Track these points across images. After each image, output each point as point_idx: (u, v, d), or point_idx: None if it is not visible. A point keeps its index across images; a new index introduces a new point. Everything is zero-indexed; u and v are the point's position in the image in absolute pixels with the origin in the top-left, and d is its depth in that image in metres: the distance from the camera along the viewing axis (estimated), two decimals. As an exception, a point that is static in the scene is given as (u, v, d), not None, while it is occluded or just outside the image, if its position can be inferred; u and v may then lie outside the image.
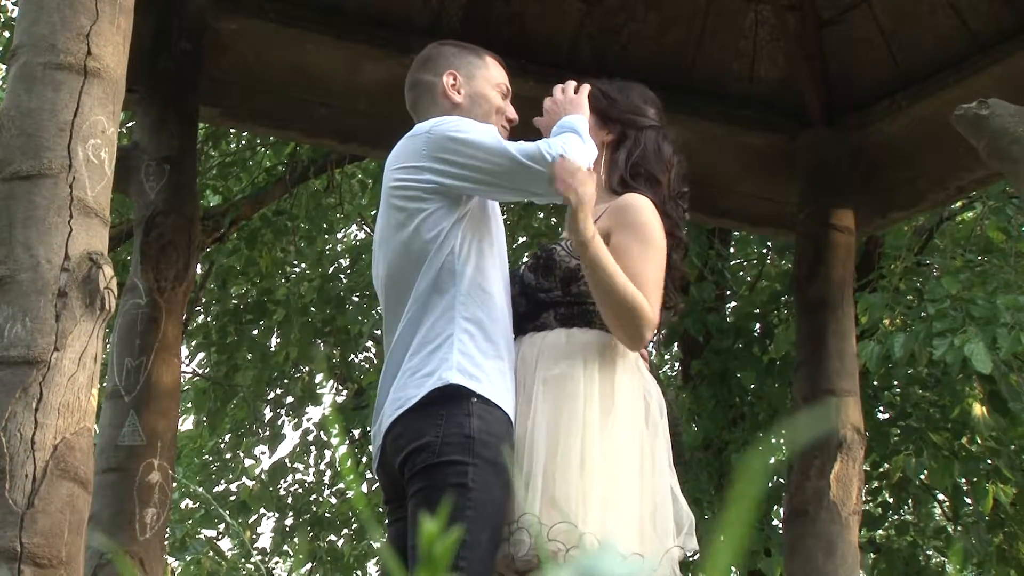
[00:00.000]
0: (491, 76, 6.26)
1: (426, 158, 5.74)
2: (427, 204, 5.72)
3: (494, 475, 5.37)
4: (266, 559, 19.43)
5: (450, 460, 5.35)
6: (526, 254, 5.87)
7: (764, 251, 16.31)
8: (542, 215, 16.38)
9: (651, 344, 6.19)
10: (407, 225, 5.77)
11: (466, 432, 5.39)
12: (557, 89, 6.02)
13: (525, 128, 6.18)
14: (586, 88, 6.00)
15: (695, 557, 5.89)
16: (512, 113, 6.24)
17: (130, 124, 9.30)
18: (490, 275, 5.76)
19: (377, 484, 6.26)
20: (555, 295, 5.83)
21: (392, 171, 5.93)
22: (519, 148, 5.62)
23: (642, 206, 5.81)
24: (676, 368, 16.87)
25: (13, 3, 13.24)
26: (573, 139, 5.64)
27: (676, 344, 15.91)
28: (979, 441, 14.28)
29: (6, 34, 14.54)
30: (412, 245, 5.75)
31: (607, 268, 5.49)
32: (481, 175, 5.68)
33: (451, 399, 5.48)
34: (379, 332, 5.75)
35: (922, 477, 14.59)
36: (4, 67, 13.16)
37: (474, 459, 5.34)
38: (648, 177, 5.98)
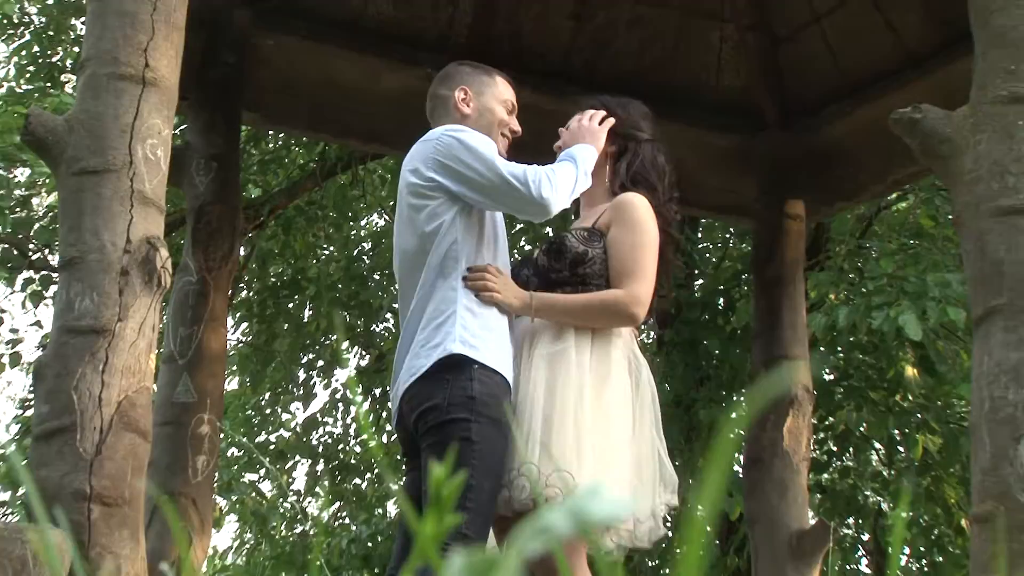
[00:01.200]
0: (498, 93, 6.30)
1: (433, 161, 5.81)
2: (431, 200, 5.80)
3: (495, 430, 5.46)
4: (300, 499, 19.48)
5: (456, 418, 5.45)
6: (541, 241, 6.00)
7: (727, 236, 16.32)
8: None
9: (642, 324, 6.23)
10: (416, 218, 5.87)
11: (469, 394, 5.49)
12: (583, 116, 6.09)
13: (527, 135, 6.23)
14: (609, 122, 6.09)
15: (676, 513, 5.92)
16: (516, 127, 6.30)
17: (182, 127, 9.25)
18: (487, 261, 5.85)
19: (395, 437, 6.35)
20: (564, 275, 5.90)
21: (406, 171, 6.00)
22: (510, 169, 5.69)
23: (637, 204, 5.94)
24: (651, 336, 16.88)
25: (82, 22, 13.17)
26: (564, 174, 5.76)
27: (651, 316, 15.92)
28: (910, 398, 14.32)
29: (75, 49, 14.47)
30: (420, 235, 5.84)
31: (557, 308, 5.84)
32: (473, 184, 5.73)
33: (455, 367, 5.58)
34: (397, 306, 5.83)
35: (861, 429, 14.65)
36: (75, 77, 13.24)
37: (476, 417, 5.44)
38: (645, 184, 6.11)
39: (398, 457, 5.74)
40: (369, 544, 17.45)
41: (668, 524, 6.10)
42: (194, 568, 8.26)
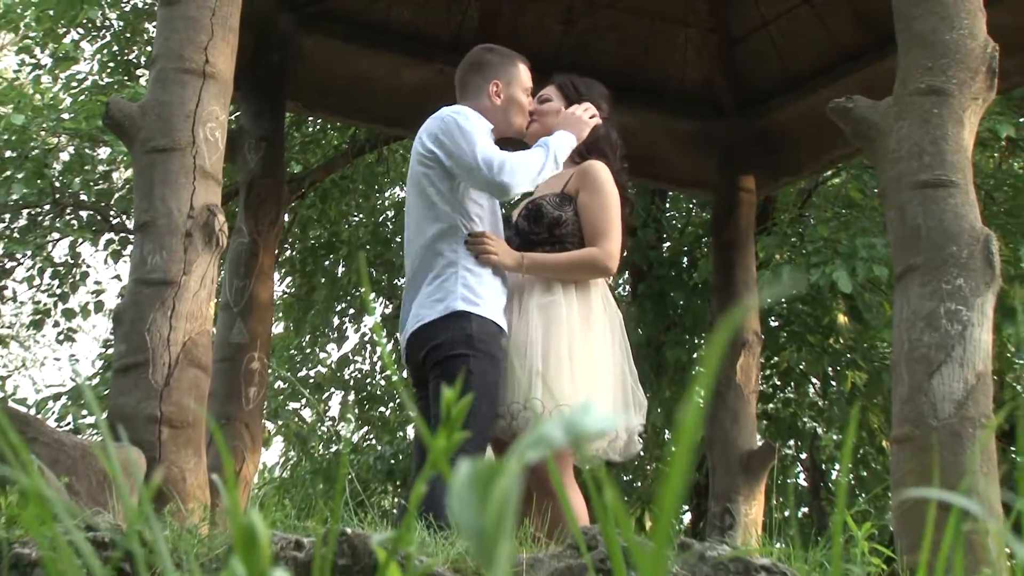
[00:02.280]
0: (522, 81, 6.28)
1: (434, 136, 5.84)
2: (431, 170, 5.82)
3: (490, 363, 5.54)
4: (334, 423, 19.50)
5: (457, 353, 5.51)
6: (520, 205, 5.93)
7: (690, 206, 16.29)
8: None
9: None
10: (422, 183, 5.87)
11: (468, 333, 5.55)
12: (579, 107, 6.09)
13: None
14: (596, 121, 6.09)
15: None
16: (531, 106, 6.30)
17: (236, 113, 9.23)
18: (484, 225, 5.85)
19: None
20: (543, 236, 5.93)
21: (417, 141, 6.01)
22: (485, 153, 5.66)
23: (599, 170, 5.98)
24: (627, 289, 16.87)
25: (153, 25, 13.15)
26: (531, 162, 5.75)
27: (627, 272, 15.91)
28: (842, 341, 14.33)
29: (148, 48, 14.44)
30: (425, 199, 5.85)
31: (549, 267, 5.88)
32: (457, 160, 5.72)
33: (458, 316, 5.62)
34: None
35: (801, 366, 14.65)
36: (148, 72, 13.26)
37: (474, 352, 5.50)
38: (600, 153, 6.11)
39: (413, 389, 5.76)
40: (392, 461, 17.47)
41: (641, 441, 6.13)
42: (247, 480, 8.30)
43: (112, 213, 15.85)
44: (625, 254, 6.31)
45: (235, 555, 0.77)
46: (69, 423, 15.28)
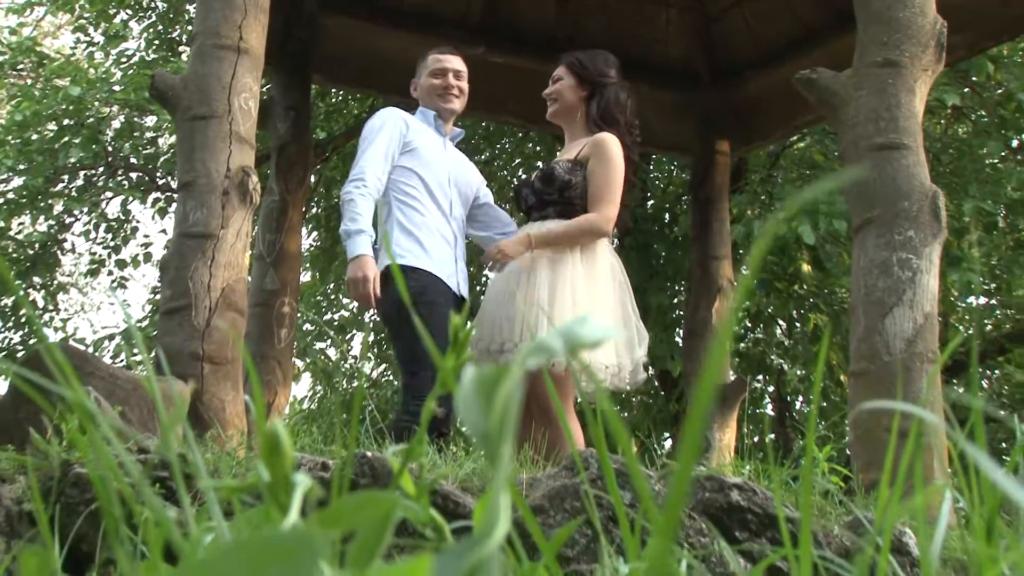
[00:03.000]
0: (428, 67, 6.55)
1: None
2: None
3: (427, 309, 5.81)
4: (356, 361, 19.47)
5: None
6: (535, 169, 6.15)
7: (672, 167, 16.22)
8: (531, 145, 16.41)
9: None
10: None
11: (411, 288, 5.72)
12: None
13: (524, 86, 6.28)
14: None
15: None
16: (447, 77, 6.54)
17: (268, 85, 9.21)
18: (425, 200, 6.22)
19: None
20: (553, 197, 6.06)
21: None
22: (359, 162, 6.18)
23: (609, 142, 6.01)
24: (615, 242, 16.84)
25: (193, 6, 13.11)
26: (349, 209, 6.14)
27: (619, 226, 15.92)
28: (805, 287, 14.32)
29: (188, 27, 14.40)
30: None
31: (553, 239, 5.95)
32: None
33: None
34: None
35: (769, 310, 14.65)
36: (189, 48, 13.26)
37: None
38: (612, 121, 6.15)
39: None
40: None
41: (646, 371, 6.24)
42: (279, 410, 8.32)
43: (158, 174, 15.93)
44: (631, 205, 6.37)
45: (261, 461, 0.77)
46: (122, 360, 15.33)
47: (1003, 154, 13.73)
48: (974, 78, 13.36)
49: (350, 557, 0.70)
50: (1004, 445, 14.78)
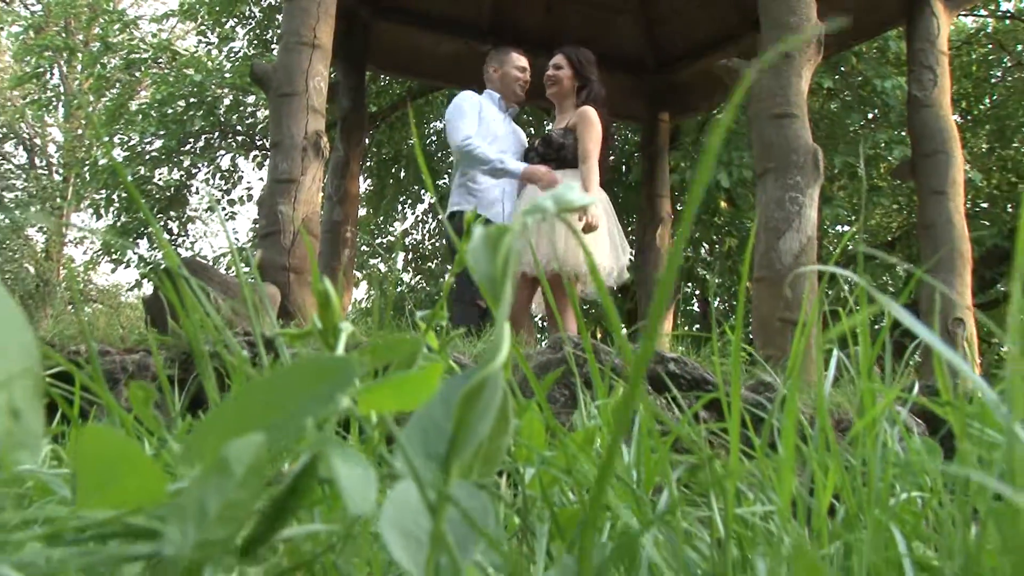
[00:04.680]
0: (511, 62, 6.47)
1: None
2: None
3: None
4: (399, 272, 19.47)
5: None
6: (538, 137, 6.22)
7: (627, 132, 16.09)
8: (524, 115, 16.34)
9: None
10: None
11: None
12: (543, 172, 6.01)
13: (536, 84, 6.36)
14: (550, 179, 5.98)
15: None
16: (525, 74, 6.55)
17: (334, 72, 9.13)
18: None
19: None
20: (551, 156, 5.98)
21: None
22: (460, 131, 6.00)
23: (591, 113, 5.91)
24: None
25: (280, 15, 13.07)
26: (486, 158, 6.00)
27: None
28: (722, 218, 14.28)
29: (278, 30, 14.38)
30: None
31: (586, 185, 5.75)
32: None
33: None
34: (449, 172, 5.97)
35: (696, 235, 14.62)
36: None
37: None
38: (592, 100, 6.06)
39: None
40: (436, 297, 17.52)
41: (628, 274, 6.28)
42: (344, 307, 8.33)
43: (257, 137, 15.93)
44: (612, 157, 6.35)
45: (316, 314, 0.74)
46: (232, 271, 15.37)
47: (862, 123, 13.76)
48: (842, 67, 13.38)
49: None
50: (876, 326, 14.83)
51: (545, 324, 13.90)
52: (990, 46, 14.86)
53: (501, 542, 0.51)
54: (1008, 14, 14.69)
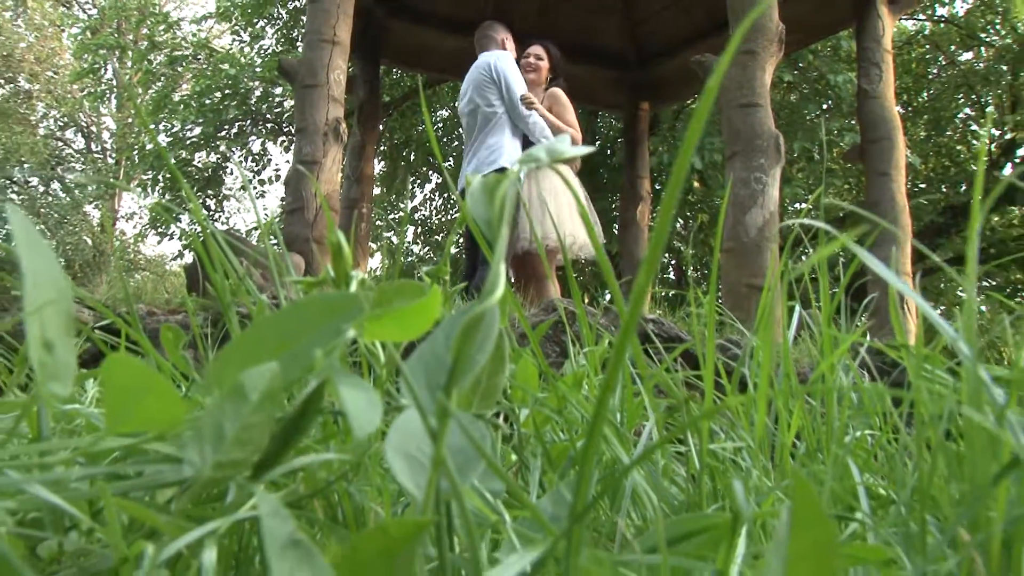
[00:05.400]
0: (512, 45, 6.19)
1: (493, 73, 5.75)
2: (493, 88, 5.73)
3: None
4: (407, 244, 19.43)
5: None
6: None
7: (612, 119, 15.99)
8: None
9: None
10: (487, 91, 5.76)
11: None
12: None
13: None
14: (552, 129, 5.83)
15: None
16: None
17: (352, 66, 9.06)
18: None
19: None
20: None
21: (481, 67, 5.85)
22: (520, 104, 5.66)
23: (561, 93, 5.87)
24: (577, 165, 16.71)
25: (304, 16, 13.00)
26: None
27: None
28: (695, 196, 14.24)
29: (302, 29, 14.32)
30: (487, 102, 5.76)
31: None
32: (507, 99, 5.69)
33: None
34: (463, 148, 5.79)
35: (673, 212, 14.55)
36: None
37: None
38: (559, 82, 5.97)
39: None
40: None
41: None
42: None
43: (284, 124, 15.87)
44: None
45: (330, 263, 0.72)
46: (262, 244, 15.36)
47: (817, 113, 13.72)
48: (800, 64, 13.34)
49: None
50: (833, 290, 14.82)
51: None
52: (927, 47, 15.06)
53: (499, 466, 0.48)
54: (943, 19, 14.96)
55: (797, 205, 14.03)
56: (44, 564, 0.59)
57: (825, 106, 13.90)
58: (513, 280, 5.76)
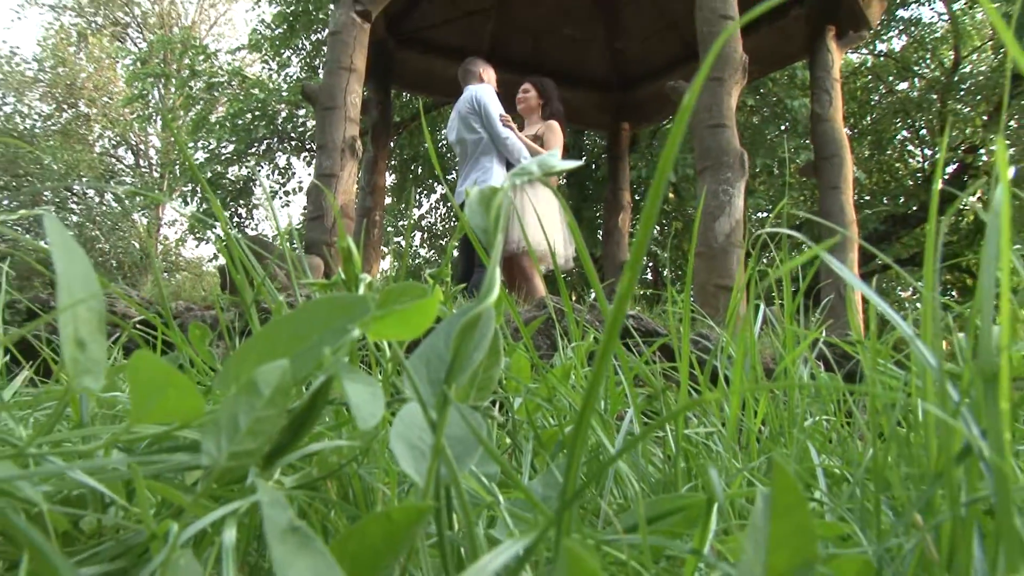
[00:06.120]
0: (491, 76, 6.00)
1: (473, 104, 5.58)
2: (476, 119, 5.58)
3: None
4: (415, 245, 19.37)
5: None
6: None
7: (597, 138, 15.93)
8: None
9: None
10: (471, 123, 5.59)
11: None
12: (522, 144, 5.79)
13: (509, 98, 6.10)
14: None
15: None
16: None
17: (366, 91, 9.01)
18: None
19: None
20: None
21: (464, 102, 5.68)
22: (497, 125, 5.52)
23: (557, 126, 5.78)
24: (563, 179, 16.66)
25: (325, 47, 12.95)
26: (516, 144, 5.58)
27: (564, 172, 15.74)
28: (670, 206, 14.20)
29: (324, 58, 14.31)
30: (473, 132, 5.58)
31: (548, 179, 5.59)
32: (487, 124, 5.54)
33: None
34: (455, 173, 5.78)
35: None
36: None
37: None
38: (554, 117, 5.87)
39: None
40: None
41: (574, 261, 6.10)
42: (374, 274, 8.26)
43: (307, 142, 15.86)
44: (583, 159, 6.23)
45: (341, 266, 0.70)
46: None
47: (776, 133, 13.77)
48: (761, 90, 13.36)
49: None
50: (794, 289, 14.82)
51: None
52: (870, 77, 15.34)
53: (496, 451, 0.47)
54: (883, 53, 15.33)
55: (760, 214, 14.02)
56: (86, 537, 0.57)
57: (783, 127, 13.93)
58: (505, 280, 5.72)
